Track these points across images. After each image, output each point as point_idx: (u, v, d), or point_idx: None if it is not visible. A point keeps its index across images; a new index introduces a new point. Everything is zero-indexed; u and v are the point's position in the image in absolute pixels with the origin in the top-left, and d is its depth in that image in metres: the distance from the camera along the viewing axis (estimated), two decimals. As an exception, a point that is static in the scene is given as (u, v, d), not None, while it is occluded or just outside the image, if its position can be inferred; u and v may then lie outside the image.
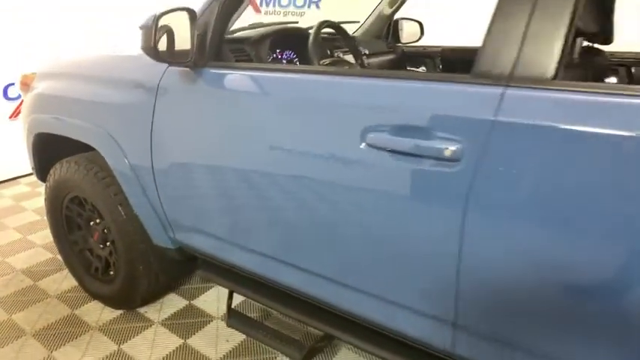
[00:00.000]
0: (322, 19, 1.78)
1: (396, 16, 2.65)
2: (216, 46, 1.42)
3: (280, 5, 4.76)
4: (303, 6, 4.82)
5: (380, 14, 2.53)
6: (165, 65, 1.47)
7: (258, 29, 1.87)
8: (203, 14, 1.40)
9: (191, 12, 1.31)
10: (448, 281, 1.03)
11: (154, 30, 1.22)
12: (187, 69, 1.43)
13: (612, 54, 2.00)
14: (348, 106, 1.13)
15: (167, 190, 1.59)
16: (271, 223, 1.36)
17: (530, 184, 0.90)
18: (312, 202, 1.22)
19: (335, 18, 2.77)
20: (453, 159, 0.96)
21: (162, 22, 1.25)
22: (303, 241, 1.31)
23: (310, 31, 1.76)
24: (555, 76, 0.90)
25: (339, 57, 1.91)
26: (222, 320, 1.98)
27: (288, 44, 1.92)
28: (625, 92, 0.85)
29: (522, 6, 0.93)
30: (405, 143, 1.02)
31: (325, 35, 1.96)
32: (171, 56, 1.35)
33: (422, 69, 2.50)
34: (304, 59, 1.95)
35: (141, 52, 1.32)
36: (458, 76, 1.00)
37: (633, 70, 1.99)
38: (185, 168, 1.52)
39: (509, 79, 0.93)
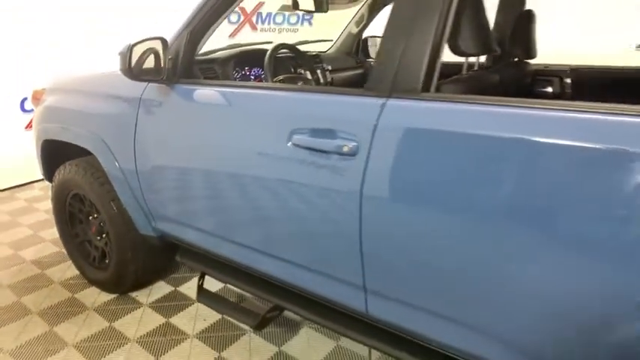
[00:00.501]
0: (279, 42, 2.08)
1: (369, 34, 2.95)
2: (187, 66, 1.73)
3: (275, 23, 5.10)
4: (296, 23, 5.15)
5: (349, 33, 2.83)
6: (147, 82, 1.78)
7: (227, 51, 2.18)
8: (175, 40, 1.71)
9: (163, 40, 1.62)
10: (355, 249, 1.30)
11: (128, 56, 1.54)
12: (163, 85, 1.74)
13: (547, 66, 2.25)
14: (281, 114, 1.42)
15: (148, 187, 1.89)
16: (224, 210, 1.66)
17: (404, 171, 1.17)
18: (254, 191, 1.51)
19: (324, 35, 3.07)
20: (351, 154, 1.23)
21: (138, 48, 1.56)
22: (247, 222, 1.60)
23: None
24: (425, 89, 1.17)
25: (300, 73, 2.20)
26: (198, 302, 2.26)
27: (257, 62, 2.23)
28: (471, 101, 1.12)
29: (400, 33, 1.21)
30: (318, 143, 1.30)
31: (285, 55, 2.27)
32: (148, 74, 1.66)
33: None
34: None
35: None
36: (355, 90, 1.28)
37: (568, 80, 2.23)
38: (161, 169, 1.82)
39: (390, 92, 1.21)
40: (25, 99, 3.82)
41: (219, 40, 1.98)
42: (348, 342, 1.95)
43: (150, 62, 1.63)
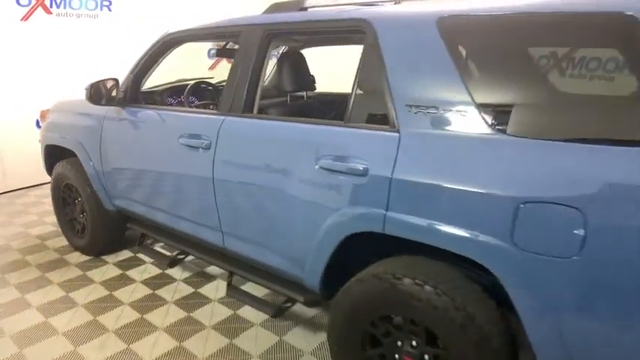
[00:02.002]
0: (199, 79, 3.05)
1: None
2: (133, 96, 2.67)
3: (71, 7, 4.82)
4: (95, 9, 4.99)
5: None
6: (108, 106, 2.72)
7: (165, 85, 3.17)
8: (125, 80, 2.66)
9: (116, 79, 2.57)
10: (214, 206, 2.18)
11: (90, 90, 2.49)
12: (119, 107, 2.67)
13: (321, 94, 3.09)
14: (178, 125, 2.34)
15: (109, 176, 2.83)
16: (151, 189, 2.58)
17: (232, 157, 2.06)
18: (163, 176, 2.45)
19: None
20: (207, 148, 2.13)
21: (97, 84, 2.51)
22: (161, 195, 2.52)
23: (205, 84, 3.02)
24: (247, 111, 2.07)
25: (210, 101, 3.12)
26: (151, 264, 3.14)
27: (193, 92, 3.18)
28: (260, 118, 2.02)
29: (233, 77, 2.11)
30: (192, 142, 2.20)
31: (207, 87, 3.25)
32: (108, 101, 2.60)
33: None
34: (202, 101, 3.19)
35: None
36: (213, 111, 2.20)
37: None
38: (116, 163, 2.75)
39: (229, 111, 2.11)
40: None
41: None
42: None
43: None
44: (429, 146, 1.51)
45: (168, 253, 2.96)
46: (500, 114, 1.40)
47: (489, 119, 1.41)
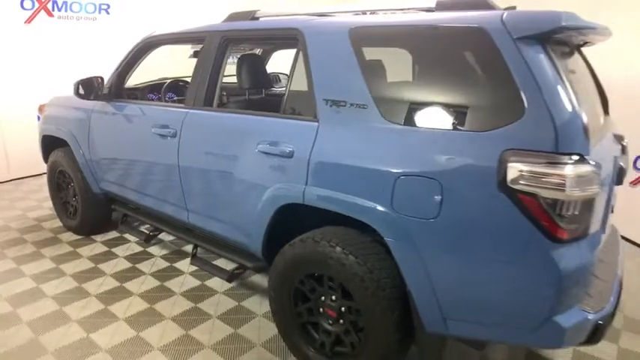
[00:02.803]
0: (175, 78, 3.42)
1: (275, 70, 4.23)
2: (117, 91, 3.04)
3: (72, 10, 5.24)
4: (94, 12, 5.44)
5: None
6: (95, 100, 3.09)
7: (147, 83, 3.54)
8: (111, 77, 3.03)
9: (101, 77, 2.95)
10: (179, 186, 2.54)
11: (77, 87, 2.87)
12: (104, 102, 3.04)
13: (279, 92, 3.45)
14: (151, 117, 2.70)
15: (96, 162, 3.20)
16: (130, 173, 2.94)
17: (191, 144, 2.42)
18: (139, 161, 2.81)
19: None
20: (173, 136, 2.49)
21: (84, 81, 2.89)
22: (138, 178, 2.90)
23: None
24: (207, 104, 2.42)
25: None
26: (135, 243, 3.51)
27: (171, 89, 3.55)
28: (215, 110, 2.38)
29: (196, 76, 2.48)
30: (161, 131, 2.56)
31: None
32: (96, 96, 2.97)
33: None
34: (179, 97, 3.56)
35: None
36: (180, 104, 2.56)
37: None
38: (102, 151, 3.12)
39: (193, 105, 2.46)
40: (42, 112, 5.24)
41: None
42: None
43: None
44: (337, 133, 1.86)
45: (148, 232, 3.33)
46: (388, 107, 1.75)
47: (381, 111, 1.75)
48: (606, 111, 2.35)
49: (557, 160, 1.39)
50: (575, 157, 1.40)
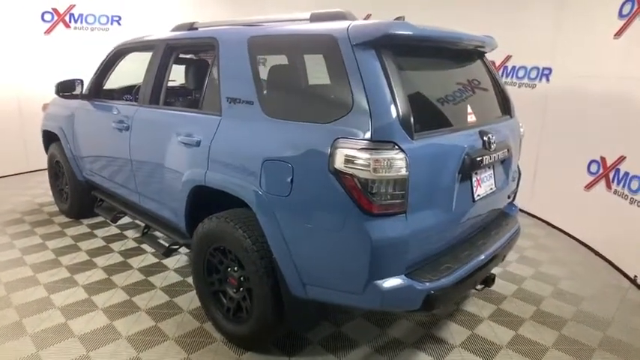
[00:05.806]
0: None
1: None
2: (96, 92, 3.51)
3: (87, 22, 5.89)
4: (106, 23, 6.04)
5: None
6: (79, 99, 3.58)
7: (124, 85, 4.01)
8: (91, 79, 3.50)
9: (81, 80, 3.42)
10: (131, 172, 2.95)
11: (57, 87, 3.35)
12: (85, 100, 3.52)
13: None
14: (120, 113, 3.12)
15: (79, 154, 3.69)
16: (104, 163, 3.39)
17: (140, 134, 2.82)
18: (109, 152, 3.24)
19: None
20: (127, 129, 2.91)
21: (64, 83, 3.37)
22: (109, 168, 3.33)
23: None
24: (153, 102, 2.82)
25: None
26: (115, 227, 3.97)
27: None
28: (156, 107, 2.78)
29: (145, 78, 2.88)
30: (118, 125, 2.99)
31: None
32: (77, 96, 3.45)
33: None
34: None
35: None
36: (135, 103, 2.98)
37: None
38: (83, 143, 3.59)
39: (141, 103, 2.87)
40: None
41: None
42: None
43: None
44: (230, 125, 2.20)
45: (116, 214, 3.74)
46: (267, 103, 2.07)
47: (262, 107, 2.07)
48: (506, 112, 2.55)
49: (368, 146, 1.66)
50: (387, 145, 1.67)
